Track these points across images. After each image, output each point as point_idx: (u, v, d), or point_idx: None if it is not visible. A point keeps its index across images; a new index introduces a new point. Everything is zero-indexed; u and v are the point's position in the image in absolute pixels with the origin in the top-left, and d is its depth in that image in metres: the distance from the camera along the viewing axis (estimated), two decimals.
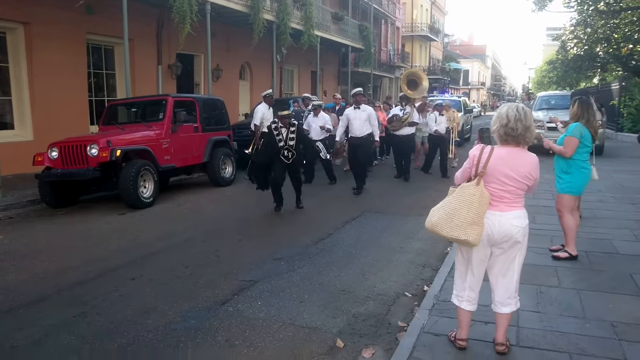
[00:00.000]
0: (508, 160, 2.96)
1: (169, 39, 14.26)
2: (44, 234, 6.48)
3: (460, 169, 3.17)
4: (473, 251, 3.05)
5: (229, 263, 5.16)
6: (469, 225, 2.89)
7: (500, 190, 2.98)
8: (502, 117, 2.98)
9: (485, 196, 2.93)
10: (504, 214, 2.98)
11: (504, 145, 3.02)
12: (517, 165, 2.96)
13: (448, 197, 3.06)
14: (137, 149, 8.09)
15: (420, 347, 3.23)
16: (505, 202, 3.00)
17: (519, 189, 3.00)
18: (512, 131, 2.94)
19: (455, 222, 2.91)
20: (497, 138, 3.06)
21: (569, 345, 3.21)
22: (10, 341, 3.48)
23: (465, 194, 2.94)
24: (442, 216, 2.97)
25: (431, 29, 42.69)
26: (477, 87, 71.47)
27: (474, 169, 3.00)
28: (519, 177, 2.96)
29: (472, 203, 2.91)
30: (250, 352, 3.32)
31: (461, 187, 3.01)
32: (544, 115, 13.76)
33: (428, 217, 3.07)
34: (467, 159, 3.12)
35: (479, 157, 2.99)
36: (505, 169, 2.95)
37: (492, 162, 2.96)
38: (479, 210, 2.90)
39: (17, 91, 11.10)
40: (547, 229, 5.88)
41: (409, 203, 8.01)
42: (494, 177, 2.97)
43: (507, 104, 3.11)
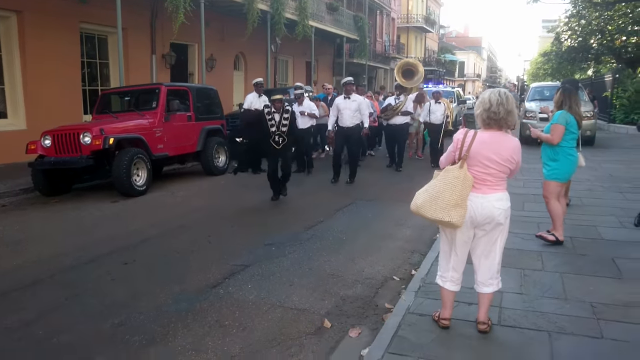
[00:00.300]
0: (491, 144, 3.03)
1: (163, 28, 14.22)
2: (37, 221, 6.53)
3: (445, 152, 3.24)
4: (457, 233, 3.13)
5: (221, 248, 5.24)
6: (452, 207, 2.96)
7: (483, 173, 3.05)
8: (485, 101, 3.04)
9: (468, 179, 3.00)
10: (487, 196, 3.06)
11: (487, 130, 3.09)
12: (499, 148, 3.03)
13: (433, 180, 3.14)
14: (131, 138, 8.13)
15: (405, 326, 3.32)
16: (488, 184, 3.07)
17: (501, 172, 3.07)
18: (495, 115, 3.01)
19: (439, 204, 2.98)
20: (480, 122, 3.12)
21: (549, 324, 3.31)
22: (4, 322, 3.55)
23: (449, 177, 3.02)
24: (427, 199, 3.05)
25: (427, 21, 42.62)
26: (473, 79, 71.50)
27: (458, 152, 3.07)
28: (501, 161, 3.04)
29: (455, 185, 2.98)
30: (240, 332, 3.40)
31: (445, 170, 3.08)
32: (536, 105, 13.85)
33: (413, 200, 3.14)
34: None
35: (463, 141, 3.06)
36: (488, 153, 3.02)
37: (475, 145, 3.02)
38: (462, 193, 2.98)
39: (10, 80, 11.09)
40: (535, 216, 5.98)
41: (400, 191, 8.09)
42: (477, 160, 3.04)
43: (489, 89, 3.18)
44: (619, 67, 20.32)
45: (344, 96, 8.81)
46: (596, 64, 25.43)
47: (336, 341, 3.31)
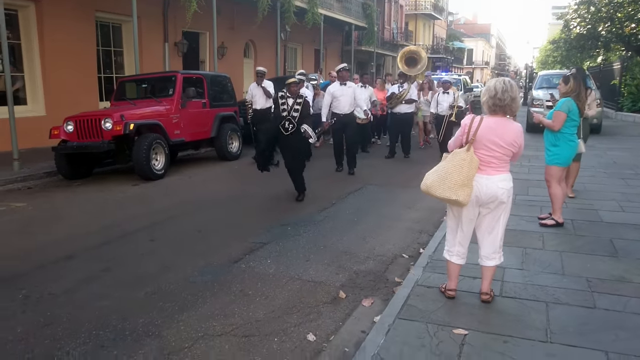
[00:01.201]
0: (495, 129, 3.31)
1: (175, 17, 14.48)
2: (64, 202, 6.89)
3: (453, 137, 3.51)
4: (463, 210, 3.41)
5: (239, 228, 5.56)
6: (459, 187, 3.23)
7: (488, 156, 3.33)
8: (491, 89, 3.31)
9: (474, 161, 3.28)
10: (491, 177, 3.34)
11: (492, 115, 3.36)
12: (503, 133, 3.31)
13: (442, 162, 3.42)
14: (149, 124, 8.45)
15: (413, 297, 3.62)
16: (493, 166, 3.35)
17: (505, 155, 3.35)
18: (500, 102, 3.28)
19: (447, 184, 3.26)
20: (486, 109, 3.40)
21: (546, 295, 3.60)
22: (47, 289, 3.90)
23: (457, 159, 3.29)
24: (436, 179, 3.32)
25: (435, 7, 42.47)
26: (481, 67, 71.14)
27: (465, 136, 3.35)
28: (505, 144, 3.31)
29: (462, 167, 3.25)
30: (262, 300, 3.73)
31: (453, 153, 3.35)
32: (544, 93, 13.99)
33: (423, 180, 3.42)
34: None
35: (470, 126, 3.33)
36: (493, 137, 3.30)
37: (481, 130, 3.30)
38: (468, 174, 3.25)
39: (29, 68, 11.42)
40: (538, 200, 6.24)
41: (409, 176, 8.37)
42: (483, 144, 3.31)
43: (494, 78, 3.46)
44: (628, 55, 20.33)
45: (340, 83, 8.76)
46: (605, 51, 25.36)
47: (351, 309, 3.63)
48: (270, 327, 3.33)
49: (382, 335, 3.07)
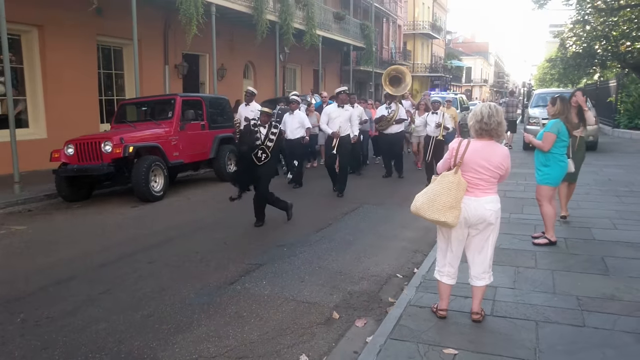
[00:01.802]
0: (482, 152, 3.41)
1: (175, 39, 14.74)
2: (63, 224, 6.97)
3: (442, 160, 3.62)
4: (452, 231, 3.49)
5: (236, 249, 5.63)
6: (448, 209, 3.32)
7: (475, 178, 3.42)
8: (477, 114, 3.43)
9: (462, 183, 3.37)
10: (479, 199, 3.43)
11: (479, 139, 3.46)
12: (490, 156, 3.41)
13: (431, 184, 3.51)
14: (148, 146, 8.57)
15: (406, 317, 3.68)
16: (480, 188, 3.44)
17: (492, 177, 3.45)
18: (487, 126, 3.39)
19: (436, 206, 3.35)
20: (473, 132, 3.51)
21: (537, 314, 3.65)
22: (45, 313, 3.96)
23: (445, 182, 3.39)
24: (425, 201, 3.41)
25: (433, 27, 43.02)
26: (480, 84, 71.70)
27: (453, 159, 3.44)
28: (491, 167, 3.41)
29: (450, 189, 3.35)
30: (257, 322, 3.78)
31: (442, 176, 3.45)
32: (540, 112, 14.16)
33: (413, 202, 3.50)
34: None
35: (457, 149, 3.43)
36: (480, 160, 3.40)
37: (469, 153, 3.40)
38: (456, 196, 3.34)
39: (32, 91, 11.62)
40: (532, 219, 6.31)
41: (405, 196, 8.40)
42: (470, 166, 3.41)
43: (481, 103, 3.57)
44: (623, 73, 20.57)
45: (338, 105, 8.79)
46: (602, 69, 25.64)
47: (344, 330, 3.68)
48: (264, 348, 3.39)
49: (374, 355, 3.12)
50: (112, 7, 12.10)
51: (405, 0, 39.14)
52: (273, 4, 16.95)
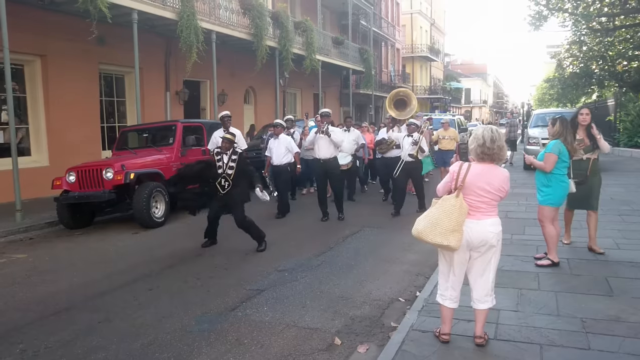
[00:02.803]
0: (483, 175, 3.42)
1: (176, 66, 14.93)
2: (64, 252, 6.96)
3: (442, 182, 3.60)
4: (454, 255, 3.47)
5: (237, 274, 5.60)
6: (450, 233, 3.31)
7: (476, 201, 3.42)
8: (479, 138, 3.42)
9: (464, 207, 3.37)
10: (480, 222, 3.42)
11: (480, 162, 3.47)
12: (491, 179, 3.41)
13: (431, 207, 3.50)
14: (149, 172, 8.62)
15: (408, 342, 3.64)
16: (482, 211, 3.44)
17: (493, 199, 3.45)
18: (489, 150, 3.39)
19: (438, 230, 3.33)
20: (474, 156, 3.50)
21: (541, 337, 3.61)
22: (44, 343, 3.93)
23: (447, 205, 3.38)
24: (427, 225, 3.40)
25: (431, 50, 43.56)
26: (480, 105, 72.22)
27: (454, 183, 3.44)
28: (492, 190, 3.42)
29: (452, 213, 3.34)
30: (258, 349, 3.74)
31: (443, 199, 3.44)
32: (539, 132, 14.22)
33: (414, 226, 3.49)
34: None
35: (458, 173, 3.44)
36: (481, 183, 3.40)
37: (470, 177, 3.40)
38: (458, 219, 3.33)
39: (34, 119, 11.73)
40: (534, 240, 6.28)
41: (406, 219, 8.40)
42: (471, 190, 3.41)
43: (482, 126, 3.59)
44: (621, 91, 20.71)
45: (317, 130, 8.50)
46: (599, 88, 25.84)
47: (346, 356, 3.64)
48: None
49: None
50: (114, 36, 12.29)
51: (403, 25, 39.73)
52: (272, 30, 17.21)
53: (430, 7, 46.57)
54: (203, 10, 13.80)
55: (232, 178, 6.55)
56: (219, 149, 6.73)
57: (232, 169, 6.57)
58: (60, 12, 11.41)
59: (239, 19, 15.54)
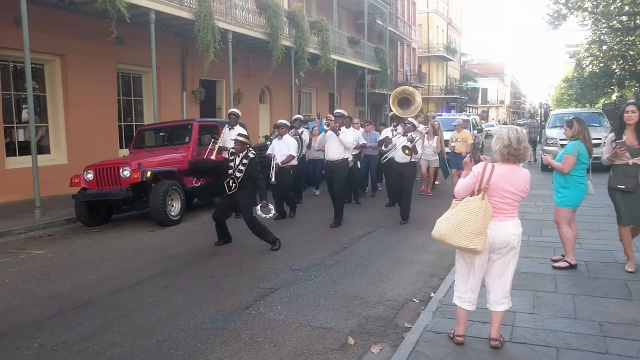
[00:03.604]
0: (507, 176, 3.36)
1: (193, 66, 15.04)
2: (82, 249, 7.05)
3: (462, 184, 3.50)
4: (475, 257, 3.41)
5: (251, 273, 5.62)
6: (475, 235, 3.25)
7: (500, 202, 3.37)
8: (504, 138, 3.36)
9: (489, 209, 3.30)
10: (503, 223, 3.37)
11: (504, 163, 3.41)
12: (514, 181, 3.37)
13: (452, 209, 3.43)
14: (166, 171, 8.69)
15: (422, 343, 3.62)
16: (504, 212, 3.39)
17: (516, 200, 3.41)
18: (515, 151, 3.34)
19: (463, 233, 3.27)
20: (499, 157, 3.43)
21: (558, 341, 3.56)
22: (61, 338, 3.99)
23: (471, 207, 3.30)
24: (450, 227, 3.33)
25: (447, 49, 43.25)
26: (496, 105, 71.52)
27: (478, 184, 3.36)
28: (516, 191, 3.38)
29: (477, 215, 3.27)
30: (271, 348, 3.75)
31: (467, 201, 3.36)
32: (557, 133, 14.04)
33: (435, 228, 3.43)
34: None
35: (482, 174, 3.36)
36: (505, 185, 3.35)
37: (495, 178, 3.34)
38: (483, 222, 3.27)
39: (53, 118, 11.92)
40: (552, 242, 6.21)
41: (421, 219, 8.37)
42: (496, 191, 3.35)
43: (505, 127, 3.50)
44: None
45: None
46: (620, 88, 25.40)
47: (359, 356, 3.63)
48: None
49: None
50: (132, 36, 12.43)
51: (419, 24, 39.52)
52: (288, 30, 17.25)
53: (447, 7, 46.25)
54: (220, 10, 13.88)
55: (239, 181, 6.56)
56: (234, 150, 6.77)
57: (241, 172, 6.57)
58: (79, 13, 11.57)
59: (255, 19, 15.60)
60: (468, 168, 3.59)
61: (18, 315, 4.54)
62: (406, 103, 9.15)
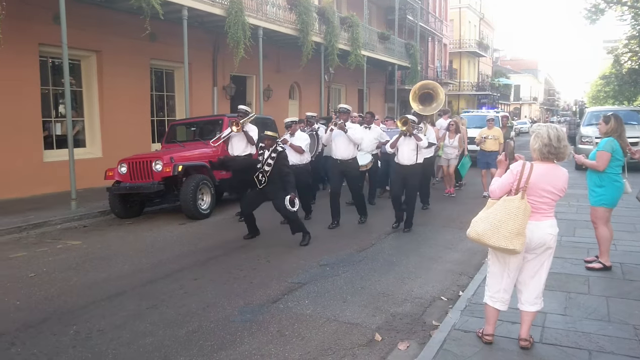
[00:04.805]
0: (546, 175, 3.29)
1: (224, 62, 15.21)
2: (116, 241, 7.24)
3: (497, 183, 3.40)
4: (511, 257, 3.34)
5: (279, 267, 5.68)
6: (515, 236, 3.18)
7: (538, 202, 3.30)
8: (543, 137, 3.28)
9: (528, 209, 3.23)
10: (540, 223, 3.31)
11: (543, 162, 3.33)
12: (553, 180, 3.30)
13: (489, 209, 3.35)
14: (197, 165, 8.83)
15: (450, 341, 3.59)
16: (542, 212, 3.32)
17: (554, 200, 3.34)
18: (555, 150, 3.27)
19: (502, 233, 3.19)
20: (537, 155, 3.34)
21: (590, 343, 3.49)
22: (96, 326, 4.11)
23: (510, 207, 3.23)
24: (488, 227, 3.26)
25: (479, 45, 42.51)
26: (529, 102, 69.98)
27: (516, 183, 3.29)
28: (555, 191, 3.30)
29: (517, 215, 3.20)
30: (298, 342, 3.79)
31: (505, 200, 3.29)
32: (592, 131, 13.67)
33: (471, 228, 3.36)
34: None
35: (521, 172, 3.29)
36: (544, 184, 3.28)
37: (533, 177, 3.27)
38: (522, 222, 3.20)
39: (89, 113, 12.26)
40: (585, 242, 6.08)
41: (449, 216, 8.29)
42: (534, 190, 3.28)
43: (545, 125, 3.41)
44: None
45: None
46: None
47: (386, 352, 3.63)
48: None
49: None
50: (165, 32, 12.66)
51: (451, 19, 38.94)
52: (318, 25, 17.26)
53: (479, 1, 45.40)
54: (250, 6, 13.99)
55: (268, 175, 6.65)
56: (263, 145, 6.85)
57: (270, 166, 6.65)
58: (115, 9, 11.86)
59: (285, 15, 15.67)
60: (503, 166, 3.53)
61: (56, 303, 4.70)
62: (428, 99, 8.53)
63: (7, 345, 3.82)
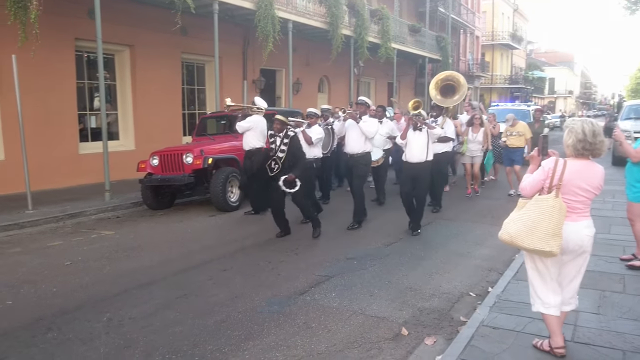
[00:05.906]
0: (581, 172, 3.13)
1: (254, 55, 15.30)
2: (147, 231, 7.41)
3: (528, 180, 3.27)
4: (549, 259, 3.18)
5: (306, 260, 5.71)
6: (551, 237, 3.01)
7: (573, 201, 3.14)
8: (578, 132, 3.12)
9: (563, 208, 3.05)
10: (576, 224, 3.14)
11: (577, 158, 3.17)
12: (589, 177, 3.14)
13: (521, 209, 3.20)
14: (226, 158, 8.94)
15: (478, 337, 3.55)
16: (577, 212, 3.16)
17: (589, 199, 3.18)
18: (590, 145, 3.11)
19: (537, 235, 3.03)
20: (572, 151, 3.17)
21: (624, 343, 3.39)
22: (128, 314, 4.23)
23: (545, 206, 3.06)
24: (522, 228, 3.10)
25: (513, 37, 41.54)
26: (564, 96, 68.06)
27: (549, 181, 3.14)
28: (591, 189, 3.14)
29: (552, 215, 3.03)
30: (325, 334, 3.81)
31: (538, 200, 3.13)
32: (631, 125, 13.24)
33: (503, 230, 3.21)
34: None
35: (554, 170, 3.13)
36: (580, 182, 3.12)
37: (567, 174, 3.11)
38: (559, 222, 3.03)
39: (123, 106, 12.53)
40: (621, 239, 5.91)
41: (481, 212, 8.16)
42: (569, 189, 3.12)
43: (579, 119, 3.24)
44: None
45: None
46: None
47: (412, 347, 3.62)
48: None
49: None
50: (196, 26, 12.81)
51: (483, 11, 38.16)
52: (348, 18, 17.17)
53: None
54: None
55: (282, 161, 6.44)
56: (272, 132, 6.67)
57: (283, 152, 6.46)
58: (147, 4, 12.06)
59: (315, 8, 15.64)
60: (535, 163, 3.34)
61: (90, 291, 4.85)
62: (450, 90, 8.06)
63: (45, 330, 3.96)
